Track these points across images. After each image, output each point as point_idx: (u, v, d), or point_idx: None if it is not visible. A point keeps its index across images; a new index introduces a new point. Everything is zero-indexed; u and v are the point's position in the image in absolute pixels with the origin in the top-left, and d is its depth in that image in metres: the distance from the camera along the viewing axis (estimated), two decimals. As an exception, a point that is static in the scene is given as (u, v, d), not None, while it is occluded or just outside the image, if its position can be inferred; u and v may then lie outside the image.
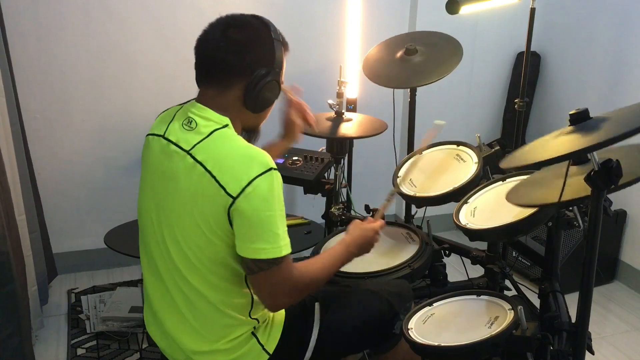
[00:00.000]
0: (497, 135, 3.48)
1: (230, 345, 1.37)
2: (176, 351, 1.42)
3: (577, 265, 1.33)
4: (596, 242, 1.25)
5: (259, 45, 1.32)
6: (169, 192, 1.33)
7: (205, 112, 1.33)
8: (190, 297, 1.35)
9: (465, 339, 1.33)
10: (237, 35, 1.31)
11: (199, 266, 1.32)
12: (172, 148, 1.32)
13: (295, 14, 2.92)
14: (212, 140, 1.29)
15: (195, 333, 1.37)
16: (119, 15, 2.67)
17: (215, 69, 1.33)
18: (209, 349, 1.37)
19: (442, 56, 2.25)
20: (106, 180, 2.88)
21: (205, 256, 1.31)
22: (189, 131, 1.31)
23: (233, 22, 1.33)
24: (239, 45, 1.30)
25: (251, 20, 1.35)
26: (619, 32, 2.86)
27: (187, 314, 1.37)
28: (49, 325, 2.51)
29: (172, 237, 1.33)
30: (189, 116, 1.33)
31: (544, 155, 1.19)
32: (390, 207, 1.80)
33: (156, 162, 1.37)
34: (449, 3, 2.00)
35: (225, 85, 1.33)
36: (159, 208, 1.36)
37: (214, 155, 1.27)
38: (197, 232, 1.29)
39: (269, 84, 1.33)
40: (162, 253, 1.36)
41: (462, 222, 1.65)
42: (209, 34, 1.33)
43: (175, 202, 1.31)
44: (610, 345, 2.48)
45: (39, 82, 2.64)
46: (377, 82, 2.26)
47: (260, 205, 1.24)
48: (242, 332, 1.39)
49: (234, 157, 1.26)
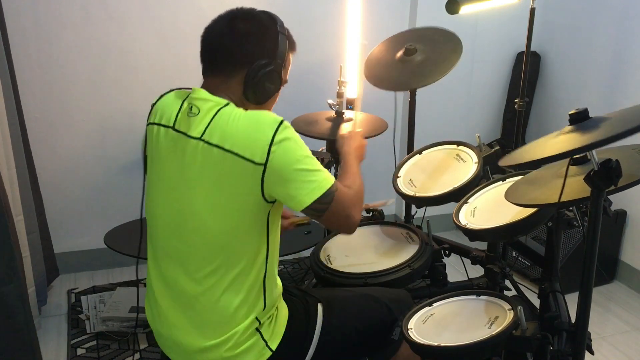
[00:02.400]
0: (497, 135, 3.48)
1: (235, 340, 1.37)
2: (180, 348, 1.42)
3: (577, 265, 1.34)
4: (596, 242, 1.25)
5: (262, 36, 1.36)
6: (184, 184, 1.33)
7: (202, 93, 1.34)
8: (205, 291, 1.35)
9: (465, 339, 1.33)
10: (242, 25, 1.35)
11: (224, 251, 1.32)
12: (184, 138, 1.33)
13: (295, 14, 2.92)
14: (219, 120, 1.30)
15: (204, 327, 1.37)
16: (119, 15, 2.67)
17: (218, 57, 1.36)
18: (215, 343, 1.37)
19: (441, 54, 2.24)
20: (106, 180, 2.88)
21: (229, 244, 1.32)
22: (193, 117, 1.32)
23: (241, 14, 1.37)
24: (242, 35, 1.34)
25: (259, 13, 1.39)
26: (619, 32, 2.86)
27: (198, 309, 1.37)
28: (49, 326, 2.52)
29: (193, 228, 1.33)
30: (191, 103, 1.35)
31: (543, 153, 1.19)
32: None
33: (167, 155, 1.36)
34: (449, 3, 2.00)
35: (227, 74, 1.35)
36: (173, 202, 1.36)
37: (227, 134, 1.28)
38: (226, 215, 1.30)
39: (269, 74, 1.35)
40: (177, 246, 1.37)
41: (462, 222, 1.65)
42: (217, 24, 1.37)
43: (193, 192, 1.31)
44: (610, 345, 2.48)
45: (39, 82, 2.64)
46: (379, 85, 2.26)
47: (291, 155, 1.28)
48: (249, 329, 1.39)
49: (244, 128, 1.28)
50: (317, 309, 1.52)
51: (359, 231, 1.99)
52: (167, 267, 1.40)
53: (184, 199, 1.34)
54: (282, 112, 1.77)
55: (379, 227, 2.00)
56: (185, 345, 1.41)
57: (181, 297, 1.39)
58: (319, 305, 1.53)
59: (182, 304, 1.39)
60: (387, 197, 2.00)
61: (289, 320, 1.47)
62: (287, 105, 2.04)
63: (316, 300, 1.54)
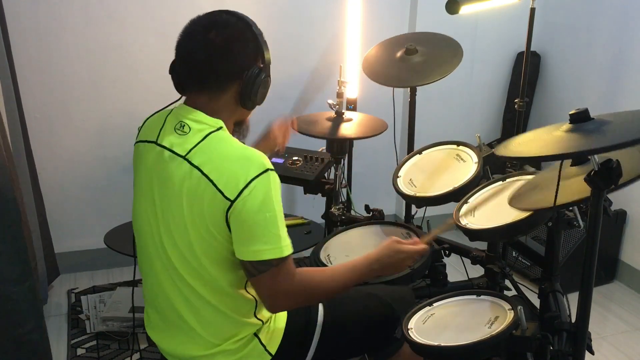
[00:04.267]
0: (497, 135, 3.48)
1: (233, 347, 1.37)
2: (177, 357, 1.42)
3: (577, 265, 1.33)
4: (596, 242, 1.25)
5: (244, 45, 1.30)
6: (166, 199, 1.31)
7: (198, 115, 1.30)
8: (194, 303, 1.34)
9: (465, 339, 1.33)
10: (220, 39, 1.28)
11: (201, 271, 1.30)
12: (167, 154, 1.30)
13: (295, 14, 2.92)
14: (208, 143, 1.27)
15: (199, 338, 1.36)
16: (119, 15, 2.67)
17: (205, 75, 1.30)
18: (212, 352, 1.37)
19: (442, 57, 2.25)
20: (106, 180, 2.88)
21: (208, 260, 1.29)
22: (182, 135, 1.29)
23: (213, 25, 1.30)
24: (225, 50, 1.28)
25: (231, 20, 1.32)
26: (619, 32, 2.86)
27: (190, 320, 1.35)
28: (49, 325, 2.50)
29: (172, 243, 1.31)
30: (181, 121, 1.31)
31: (542, 150, 1.18)
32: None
33: (151, 169, 1.34)
34: (449, 3, 2.00)
35: (219, 89, 1.31)
36: (157, 215, 1.33)
37: (211, 159, 1.25)
38: (197, 236, 1.27)
39: (263, 81, 1.33)
40: (162, 259, 1.34)
41: (462, 222, 1.65)
42: (191, 40, 1.31)
43: (173, 208, 1.29)
44: (610, 345, 2.48)
45: (39, 82, 2.64)
46: (377, 80, 2.26)
47: (259, 207, 1.22)
48: (246, 334, 1.38)
49: (230, 159, 1.25)
50: (317, 309, 1.52)
51: (359, 231, 2.00)
52: (160, 279, 1.38)
53: (163, 213, 1.32)
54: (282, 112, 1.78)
55: (379, 227, 2.00)
56: (180, 354, 1.40)
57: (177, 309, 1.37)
58: (319, 305, 1.52)
59: (179, 315, 1.37)
60: (387, 196, 2.00)
61: (287, 322, 1.47)
62: (287, 105, 2.05)
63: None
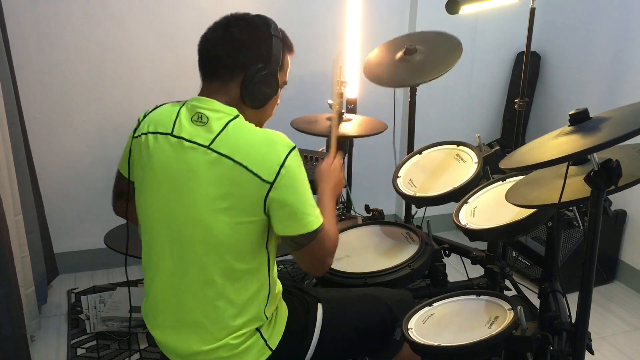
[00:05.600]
0: (497, 135, 3.48)
1: (235, 341, 1.37)
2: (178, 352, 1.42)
3: (577, 265, 1.33)
4: (596, 242, 1.25)
5: (257, 41, 1.36)
6: (186, 189, 1.32)
7: (213, 104, 1.34)
8: (208, 294, 1.35)
9: (465, 339, 1.33)
10: (237, 31, 1.35)
11: (221, 262, 1.32)
12: (187, 144, 1.31)
13: (295, 14, 2.92)
14: (230, 131, 1.30)
15: (205, 333, 1.37)
16: (119, 15, 2.67)
17: (215, 65, 1.36)
18: (214, 346, 1.37)
19: (441, 54, 2.25)
20: (106, 180, 2.83)
21: (229, 249, 1.32)
22: (201, 126, 1.32)
23: (235, 21, 1.37)
24: (237, 42, 1.34)
25: (253, 18, 1.39)
26: (619, 32, 2.86)
27: (199, 314, 1.36)
28: (49, 326, 2.52)
29: (193, 234, 1.32)
30: (198, 112, 1.34)
31: (544, 156, 1.19)
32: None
33: (167, 161, 1.35)
34: (449, 3, 2.00)
35: (226, 80, 1.36)
36: (172, 207, 1.34)
37: (238, 146, 1.29)
38: (224, 224, 1.29)
39: (264, 78, 1.35)
40: (178, 252, 1.35)
41: (462, 222, 1.65)
42: (212, 32, 1.38)
43: (197, 198, 1.30)
44: (610, 345, 2.48)
45: (39, 82, 2.64)
46: (379, 82, 2.26)
47: (298, 182, 1.30)
48: (249, 328, 1.39)
49: (257, 144, 1.29)
50: (317, 308, 1.52)
51: (359, 231, 2.00)
52: (165, 273, 1.39)
53: (184, 204, 1.33)
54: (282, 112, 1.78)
55: (379, 227, 2.00)
56: (183, 349, 1.41)
57: (179, 304, 1.38)
58: (319, 304, 1.53)
59: (180, 310, 1.38)
60: (387, 196, 2.00)
61: (288, 319, 1.47)
62: (287, 105, 2.05)
63: (316, 300, 1.54)
